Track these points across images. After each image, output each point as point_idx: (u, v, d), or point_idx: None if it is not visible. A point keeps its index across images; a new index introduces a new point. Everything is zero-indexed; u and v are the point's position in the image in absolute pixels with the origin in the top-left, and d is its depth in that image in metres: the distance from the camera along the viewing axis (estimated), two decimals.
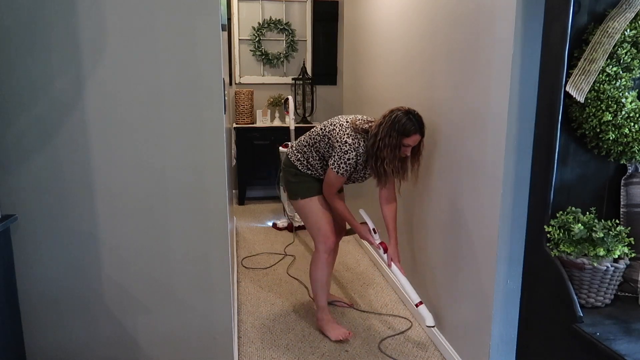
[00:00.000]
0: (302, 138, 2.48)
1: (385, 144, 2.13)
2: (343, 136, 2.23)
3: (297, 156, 2.43)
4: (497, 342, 1.90)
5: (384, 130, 2.14)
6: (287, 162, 2.48)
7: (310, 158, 2.38)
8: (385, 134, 2.13)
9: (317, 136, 2.36)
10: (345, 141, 2.22)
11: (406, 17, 2.69)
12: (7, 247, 1.65)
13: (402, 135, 2.13)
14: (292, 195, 2.48)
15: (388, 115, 2.16)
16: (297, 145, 2.46)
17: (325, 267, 2.45)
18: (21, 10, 1.57)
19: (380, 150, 2.15)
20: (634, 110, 1.51)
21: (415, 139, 2.16)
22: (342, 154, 2.22)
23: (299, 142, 2.46)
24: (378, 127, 2.17)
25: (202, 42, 1.68)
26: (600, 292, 1.56)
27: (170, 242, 1.81)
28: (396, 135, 2.13)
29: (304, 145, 2.41)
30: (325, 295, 2.50)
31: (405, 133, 2.13)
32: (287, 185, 2.50)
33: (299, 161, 2.41)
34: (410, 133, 2.13)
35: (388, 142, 2.13)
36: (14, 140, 1.64)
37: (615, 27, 1.49)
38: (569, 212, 1.63)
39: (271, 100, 4.97)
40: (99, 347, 1.85)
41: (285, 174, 2.49)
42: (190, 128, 1.73)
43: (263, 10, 4.91)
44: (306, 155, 2.39)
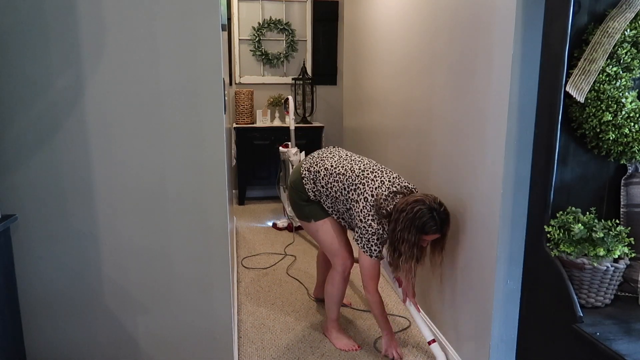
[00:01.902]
0: (319, 168, 2.25)
1: (404, 238, 1.99)
2: (367, 217, 2.09)
3: (311, 187, 2.27)
4: (497, 342, 1.90)
5: (404, 223, 1.98)
6: (299, 186, 2.31)
7: (323, 195, 2.26)
8: (404, 227, 1.98)
9: (338, 191, 2.19)
10: (370, 224, 2.09)
11: (406, 17, 2.69)
12: (7, 247, 1.65)
13: (421, 233, 1.98)
14: (303, 217, 2.37)
15: (412, 205, 1.98)
16: (315, 174, 2.25)
17: (342, 286, 2.40)
18: (21, 10, 1.57)
19: (399, 243, 2.01)
20: (634, 110, 1.51)
21: (433, 237, 2.04)
22: (368, 235, 2.11)
23: (317, 173, 2.25)
24: (399, 213, 1.99)
25: (202, 42, 1.68)
26: (600, 292, 1.56)
27: (170, 242, 1.81)
28: (415, 232, 1.98)
29: (320, 184, 2.24)
30: (338, 309, 2.46)
31: (424, 231, 1.98)
32: (296, 206, 2.38)
33: (312, 192, 2.28)
34: (430, 232, 1.99)
35: (407, 238, 1.99)
36: (14, 140, 1.64)
37: (615, 27, 1.49)
38: (569, 212, 1.63)
39: (271, 100, 4.97)
40: (98, 347, 1.85)
41: (294, 196, 2.36)
42: (190, 128, 1.73)
43: (263, 10, 4.91)
44: (320, 193, 2.26)
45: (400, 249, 2.01)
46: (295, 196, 2.36)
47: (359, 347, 2.39)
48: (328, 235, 2.34)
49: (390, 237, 2.05)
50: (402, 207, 2.00)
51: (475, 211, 1.97)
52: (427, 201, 1.99)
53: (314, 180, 2.27)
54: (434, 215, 1.97)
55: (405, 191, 2.11)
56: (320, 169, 2.26)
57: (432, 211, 1.97)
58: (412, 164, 2.66)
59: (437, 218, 1.97)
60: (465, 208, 2.05)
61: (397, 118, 2.90)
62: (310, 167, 2.30)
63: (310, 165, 2.31)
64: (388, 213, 2.06)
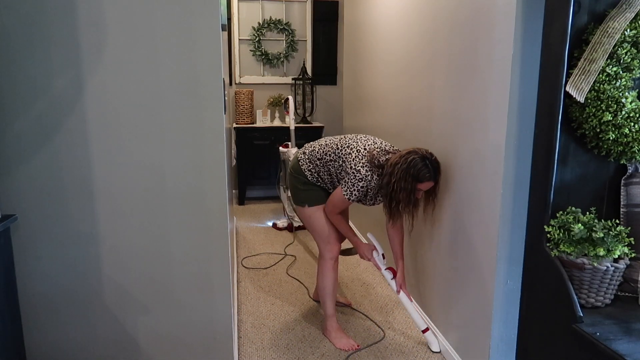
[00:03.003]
0: (315, 146, 2.39)
1: (400, 187, 2.09)
2: (357, 164, 2.18)
3: (307, 165, 2.37)
4: (497, 342, 1.90)
5: (399, 173, 2.08)
6: (296, 168, 2.41)
7: (321, 172, 2.34)
8: (400, 177, 2.08)
9: (332, 154, 2.29)
10: (359, 170, 2.17)
11: (406, 17, 2.69)
12: (7, 247, 1.65)
13: (416, 181, 2.09)
14: (299, 202, 2.44)
15: (405, 157, 2.09)
16: (310, 153, 2.38)
17: (332, 274, 2.45)
18: (21, 10, 1.57)
19: (395, 193, 2.11)
20: (634, 110, 1.51)
21: (427, 185, 2.13)
22: (354, 181, 2.19)
23: (312, 151, 2.38)
24: (394, 166, 2.10)
25: (202, 42, 1.68)
26: (600, 292, 1.56)
27: (170, 242, 1.81)
28: (411, 181, 2.08)
29: (316, 157, 2.34)
30: (334, 303, 2.48)
31: (419, 179, 2.08)
32: (294, 191, 2.45)
33: (310, 171, 2.36)
34: (424, 180, 2.09)
35: (404, 186, 2.09)
36: (14, 140, 1.64)
37: (615, 27, 1.49)
38: (569, 212, 1.63)
39: (271, 100, 4.97)
40: (98, 347, 1.85)
41: (293, 180, 2.44)
42: (190, 128, 1.73)
43: (263, 10, 4.91)
44: (317, 168, 2.35)
45: (398, 198, 2.12)
46: (294, 180, 2.43)
47: (358, 346, 2.39)
48: (320, 221, 2.40)
49: (386, 190, 2.14)
50: (396, 160, 2.11)
51: (475, 211, 1.97)
52: (419, 152, 2.11)
53: (309, 159, 2.37)
54: (427, 163, 2.08)
55: (395, 152, 2.23)
56: (315, 147, 2.39)
57: (425, 159, 2.09)
58: None
59: (430, 166, 2.09)
60: (466, 208, 2.05)
61: (397, 118, 2.90)
62: (306, 149, 2.43)
63: (305, 148, 2.45)
64: (380, 164, 2.17)
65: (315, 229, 2.43)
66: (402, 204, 2.14)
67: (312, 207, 2.40)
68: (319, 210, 2.40)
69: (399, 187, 2.09)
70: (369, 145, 2.24)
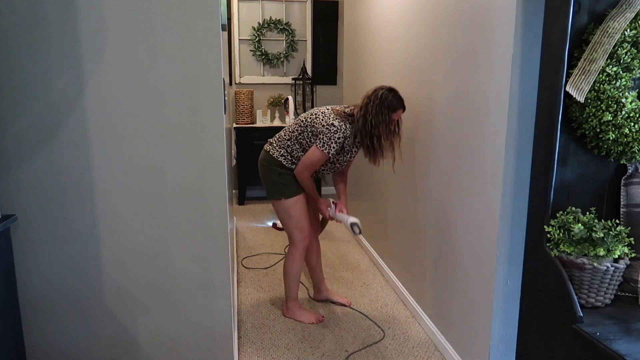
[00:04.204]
0: (281, 134, 2.49)
1: (379, 121, 2.26)
2: (329, 120, 2.31)
3: (280, 152, 2.43)
4: (497, 342, 1.90)
5: (374, 109, 2.26)
6: (268, 159, 2.45)
7: (294, 151, 2.40)
8: (377, 111, 2.26)
9: (299, 127, 2.39)
10: (332, 124, 2.29)
11: (406, 17, 2.69)
12: (7, 247, 1.65)
13: (390, 111, 2.28)
14: (275, 195, 2.47)
15: (373, 95, 2.28)
16: (278, 140, 2.47)
17: (301, 262, 2.57)
18: (21, 10, 1.57)
19: (375, 128, 2.27)
20: (634, 110, 1.51)
21: (399, 114, 2.33)
22: (330, 134, 2.28)
23: (279, 138, 2.47)
24: (365, 107, 2.28)
25: (202, 42, 1.68)
26: (600, 292, 1.56)
27: (170, 242, 1.81)
28: (386, 112, 2.27)
29: (286, 139, 2.43)
30: (297, 286, 2.63)
31: (393, 108, 2.28)
32: (270, 185, 2.48)
33: (283, 157, 2.42)
34: (397, 108, 2.30)
35: (382, 119, 2.26)
36: (13, 141, 1.64)
37: (615, 27, 1.49)
38: (569, 212, 1.63)
39: (271, 100, 4.97)
40: (98, 347, 1.84)
41: (267, 173, 2.46)
42: (190, 128, 1.73)
43: (263, 10, 4.91)
44: (289, 149, 2.41)
45: (378, 132, 2.28)
46: (269, 173, 2.46)
47: (323, 317, 2.59)
48: (297, 212, 2.47)
49: (363, 130, 2.30)
50: (366, 101, 2.29)
51: (476, 211, 1.97)
52: (383, 87, 2.30)
53: (279, 145, 2.46)
54: (395, 93, 2.31)
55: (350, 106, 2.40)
56: (280, 134, 2.49)
57: (392, 91, 2.31)
58: (412, 163, 2.66)
59: (398, 95, 2.31)
60: (466, 208, 2.05)
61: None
62: (272, 140, 2.52)
63: (271, 140, 2.53)
64: (349, 114, 2.34)
65: (292, 220, 2.48)
66: (382, 137, 2.29)
67: (289, 199, 2.45)
68: (297, 202, 2.45)
69: (377, 121, 2.26)
70: (329, 106, 2.42)
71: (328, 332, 2.50)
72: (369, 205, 3.57)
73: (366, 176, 3.63)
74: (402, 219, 2.86)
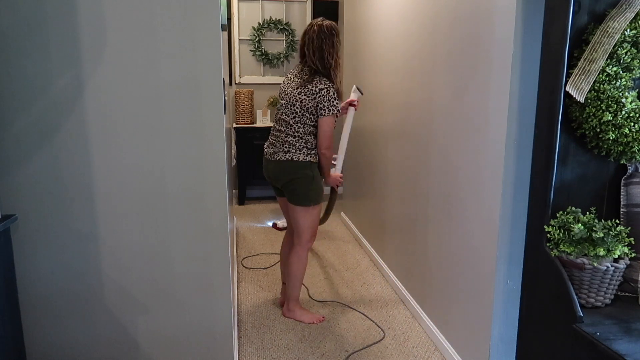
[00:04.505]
0: (285, 139, 2.40)
1: (337, 51, 2.38)
2: (318, 84, 2.33)
3: (304, 152, 2.38)
4: (497, 342, 1.90)
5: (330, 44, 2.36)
6: (299, 166, 2.38)
7: (309, 142, 2.40)
8: (334, 43, 2.37)
9: (296, 117, 2.37)
10: (321, 88, 2.32)
11: (406, 17, 2.69)
12: (7, 247, 1.65)
13: (337, 36, 2.41)
14: (306, 202, 2.41)
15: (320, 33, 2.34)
16: (289, 145, 2.38)
17: (306, 262, 2.60)
18: (21, 10, 1.57)
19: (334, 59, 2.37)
20: (634, 110, 1.51)
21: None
22: (327, 96, 2.32)
23: (294, 142, 2.38)
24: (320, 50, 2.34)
25: (202, 42, 1.68)
26: (600, 292, 1.56)
27: (170, 242, 1.81)
28: (337, 39, 2.40)
29: (300, 138, 2.38)
30: (300, 287, 2.66)
31: (338, 32, 2.41)
32: (305, 193, 2.41)
33: (310, 155, 2.40)
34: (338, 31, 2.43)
35: (336, 48, 2.38)
36: (13, 141, 1.64)
37: (615, 27, 1.49)
38: (569, 212, 1.63)
39: (271, 100, 4.97)
40: (98, 347, 1.84)
41: (299, 182, 2.39)
42: (190, 128, 1.73)
43: (263, 10, 4.91)
44: (309, 144, 2.40)
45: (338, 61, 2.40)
46: (304, 181, 2.40)
47: (323, 318, 2.62)
48: (316, 217, 2.52)
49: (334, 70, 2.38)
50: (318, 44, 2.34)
51: (475, 211, 1.97)
52: (312, 23, 2.39)
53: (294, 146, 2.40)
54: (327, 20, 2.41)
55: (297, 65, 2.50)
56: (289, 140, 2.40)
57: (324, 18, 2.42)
58: (412, 163, 2.66)
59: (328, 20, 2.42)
60: (465, 208, 2.05)
61: (397, 118, 2.89)
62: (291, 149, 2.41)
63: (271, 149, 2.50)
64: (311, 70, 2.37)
65: (311, 224, 2.50)
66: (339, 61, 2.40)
67: (316, 205, 2.47)
68: (319, 206, 2.49)
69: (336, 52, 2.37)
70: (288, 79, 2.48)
71: (328, 332, 2.50)
72: (369, 205, 3.57)
73: (366, 176, 3.63)
74: (402, 219, 2.86)
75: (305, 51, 2.39)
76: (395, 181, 2.96)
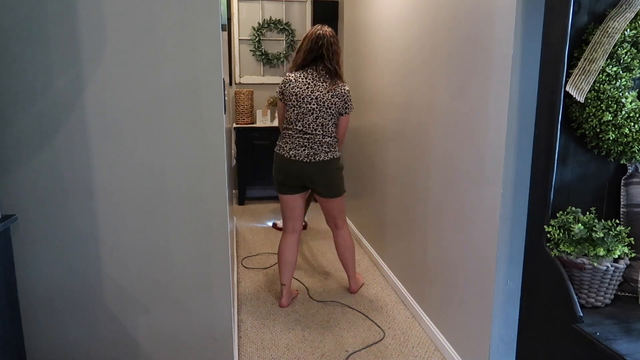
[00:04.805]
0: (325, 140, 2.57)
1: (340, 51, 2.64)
2: (344, 87, 2.59)
3: (337, 149, 2.64)
4: (497, 342, 1.90)
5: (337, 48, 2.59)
6: (337, 162, 2.64)
7: (336, 137, 2.64)
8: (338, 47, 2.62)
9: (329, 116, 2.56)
10: (348, 89, 2.60)
11: (406, 17, 2.69)
12: (7, 247, 1.65)
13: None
14: (343, 191, 2.73)
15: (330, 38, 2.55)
16: (327, 144, 2.58)
17: None
18: (21, 10, 1.57)
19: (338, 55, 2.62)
20: (634, 110, 1.51)
21: None
22: (350, 97, 2.63)
23: (331, 142, 2.59)
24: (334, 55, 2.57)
25: (202, 42, 1.68)
26: (600, 292, 1.56)
27: (170, 242, 1.81)
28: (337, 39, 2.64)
29: (334, 137, 2.62)
30: None
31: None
32: (340, 184, 2.70)
33: (339, 150, 2.66)
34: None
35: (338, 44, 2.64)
36: (13, 140, 1.64)
37: (615, 27, 1.49)
38: (569, 212, 1.63)
39: (271, 100, 4.96)
40: (99, 347, 1.84)
41: (337, 177, 2.66)
42: (190, 128, 1.73)
43: (263, 10, 4.91)
44: (337, 141, 2.64)
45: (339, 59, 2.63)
46: (338, 173, 2.66)
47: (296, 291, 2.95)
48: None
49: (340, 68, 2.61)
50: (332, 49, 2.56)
51: (475, 211, 1.97)
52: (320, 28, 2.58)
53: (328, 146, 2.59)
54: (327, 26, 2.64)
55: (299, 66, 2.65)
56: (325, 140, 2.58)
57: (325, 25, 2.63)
58: (412, 163, 2.66)
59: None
60: (466, 208, 2.05)
61: (396, 118, 2.89)
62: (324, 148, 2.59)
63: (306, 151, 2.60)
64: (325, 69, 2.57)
65: (345, 209, 2.81)
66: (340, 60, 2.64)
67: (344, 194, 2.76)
68: None
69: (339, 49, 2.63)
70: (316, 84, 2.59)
71: (328, 332, 2.50)
72: (369, 205, 3.57)
73: (366, 176, 3.63)
74: (401, 219, 2.86)
75: (324, 54, 2.55)
76: (395, 181, 2.96)
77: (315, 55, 2.54)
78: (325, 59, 2.53)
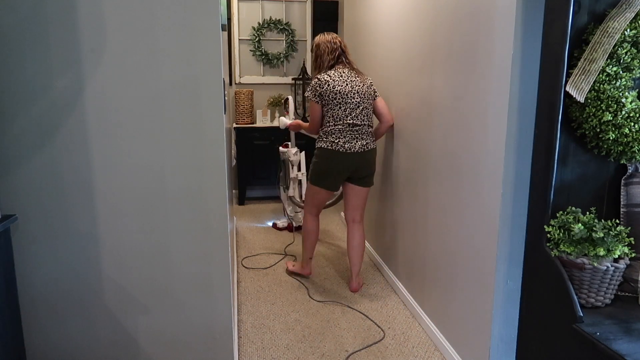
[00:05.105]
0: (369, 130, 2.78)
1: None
2: (369, 78, 2.84)
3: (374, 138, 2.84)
4: (497, 342, 1.90)
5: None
6: (374, 152, 2.83)
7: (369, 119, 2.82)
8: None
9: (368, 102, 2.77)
10: (372, 80, 2.85)
11: (406, 17, 2.69)
12: (7, 247, 1.65)
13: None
14: (371, 182, 2.91)
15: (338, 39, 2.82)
16: (369, 134, 2.77)
17: None
18: (21, 10, 1.57)
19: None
20: (634, 110, 1.51)
21: None
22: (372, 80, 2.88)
23: (372, 132, 2.80)
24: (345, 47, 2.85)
25: (202, 42, 1.68)
26: (600, 292, 1.56)
27: (170, 242, 1.81)
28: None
29: (367, 125, 2.77)
30: None
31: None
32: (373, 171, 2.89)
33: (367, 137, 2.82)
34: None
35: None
36: (13, 140, 1.64)
37: (615, 27, 1.49)
38: (569, 212, 1.63)
39: (271, 100, 4.97)
40: (98, 347, 1.85)
41: (375, 164, 2.87)
42: (190, 128, 1.73)
43: (263, 10, 4.91)
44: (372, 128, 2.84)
45: None
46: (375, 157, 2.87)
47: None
48: None
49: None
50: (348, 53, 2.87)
51: (475, 211, 1.97)
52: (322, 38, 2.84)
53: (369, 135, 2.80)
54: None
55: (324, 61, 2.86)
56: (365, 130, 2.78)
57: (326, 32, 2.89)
58: (412, 163, 2.66)
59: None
60: (466, 208, 2.05)
61: (396, 118, 2.89)
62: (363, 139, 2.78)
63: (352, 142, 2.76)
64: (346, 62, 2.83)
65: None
66: None
67: None
68: None
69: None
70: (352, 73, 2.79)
71: (328, 332, 2.50)
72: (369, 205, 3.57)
73: None
74: (401, 218, 2.86)
75: (343, 50, 2.82)
76: (394, 181, 2.96)
77: (338, 53, 2.79)
78: (345, 55, 2.80)
